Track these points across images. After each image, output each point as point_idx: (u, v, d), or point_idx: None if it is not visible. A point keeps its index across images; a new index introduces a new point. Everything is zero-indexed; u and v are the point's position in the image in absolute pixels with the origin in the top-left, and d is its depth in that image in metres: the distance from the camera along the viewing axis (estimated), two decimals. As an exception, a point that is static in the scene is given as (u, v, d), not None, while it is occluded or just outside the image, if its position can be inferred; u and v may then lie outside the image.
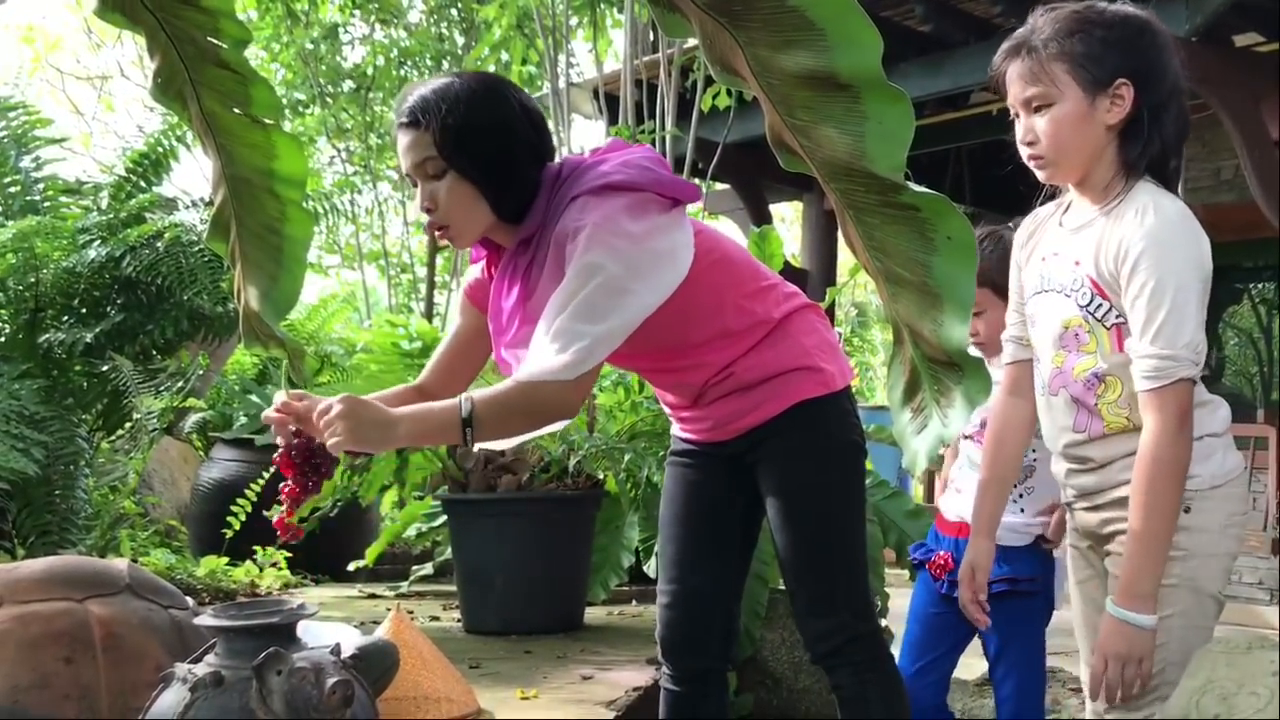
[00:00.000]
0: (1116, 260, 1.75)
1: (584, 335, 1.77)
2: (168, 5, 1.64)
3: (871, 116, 0.92)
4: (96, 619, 1.63)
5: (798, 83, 0.95)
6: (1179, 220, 1.74)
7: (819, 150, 0.96)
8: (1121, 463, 1.80)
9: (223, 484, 5.14)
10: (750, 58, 0.97)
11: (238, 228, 1.76)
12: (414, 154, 1.91)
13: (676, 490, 2.20)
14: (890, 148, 0.92)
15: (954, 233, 0.93)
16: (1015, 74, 1.82)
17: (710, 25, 1.00)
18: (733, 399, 2.06)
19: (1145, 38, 1.80)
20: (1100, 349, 1.79)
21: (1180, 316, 1.70)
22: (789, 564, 2.08)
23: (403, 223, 10.81)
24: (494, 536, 3.35)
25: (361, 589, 4.61)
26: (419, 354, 3.49)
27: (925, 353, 0.99)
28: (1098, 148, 1.80)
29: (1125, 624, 1.71)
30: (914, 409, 1.05)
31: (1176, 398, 1.71)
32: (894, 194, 0.93)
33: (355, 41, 10.20)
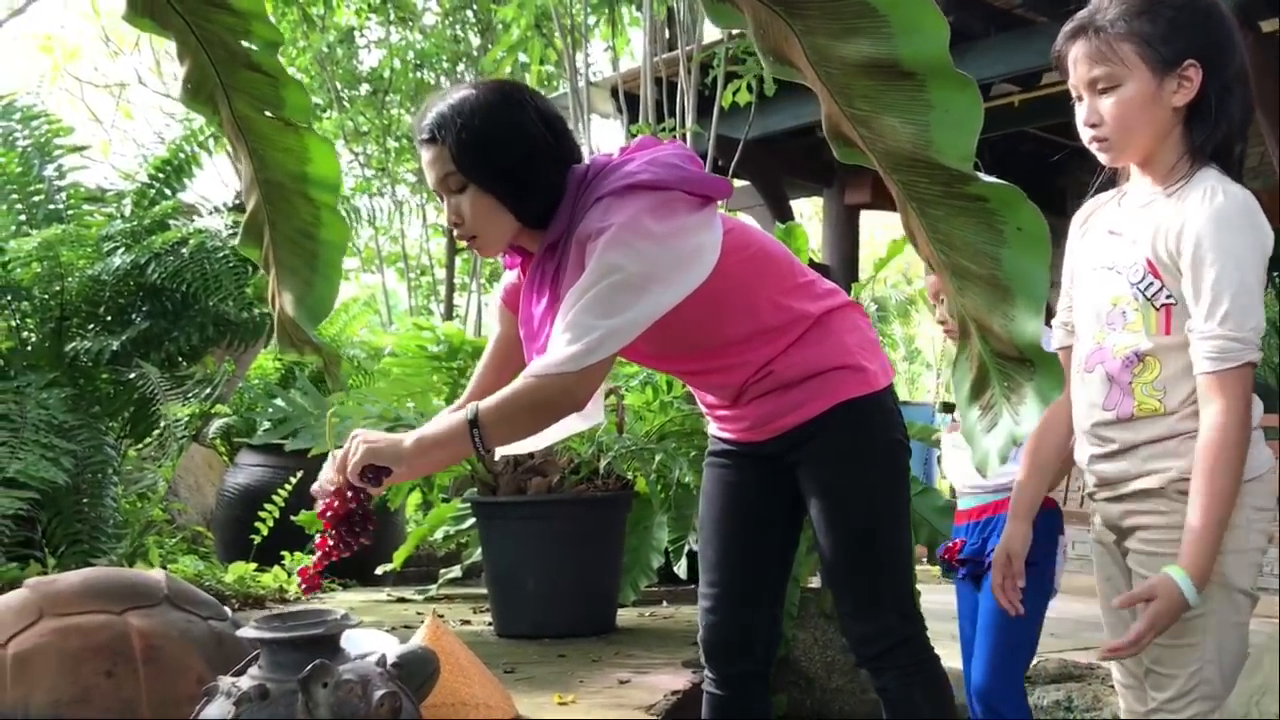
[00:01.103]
0: (1179, 240, 1.72)
1: (593, 328, 1.76)
2: (197, 8, 1.61)
3: (937, 105, 0.89)
4: (136, 631, 1.61)
5: (858, 72, 0.92)
6: (1246, 204, 1.72)
7: (880, 141, 0.93)
8: (1146, 450, 1.77)
9: (249, 489, 5.13)
10: (808, 47, 0.94)
11: (271, 233, 1.74)
12: (436, 170, 1.93)
13: (716, 491, 2.17)
14: (958, 136, 0.88)
15: (1025, 224, 0.90)
16: (1080, 55, 1.78)
17: (764, 14, 0.97)
18: (772, 398, 2.02)
19: (1213, 19, 1.77)
20: (1146, 327, 1.76)
21: (1249, 300, 1.68)
22: (833, 566, 2.05)
23: (421, 225, 10.82)
24: (525, 539, 3.33)
25: (390, 593, 4.60)
26: (446, 357, 3.47)
27: (995, 348, 0.95)
28: (1163, 129, 1.77)
29: (1185, 599, 1.68)
30: (983, 406, 1.01)
31: (1243, 381, 1.69)
32: (961, 185, 0.90)
33: (371, 45, 10.20)
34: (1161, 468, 1.76)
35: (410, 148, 9.92)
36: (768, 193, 7.52)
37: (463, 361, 3.47)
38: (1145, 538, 1.79)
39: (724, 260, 1.91)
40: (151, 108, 13.71)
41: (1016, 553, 2.05)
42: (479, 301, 10.01)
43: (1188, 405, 1.75)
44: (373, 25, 10.03)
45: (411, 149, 9.96)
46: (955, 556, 2.61)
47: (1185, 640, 1.74)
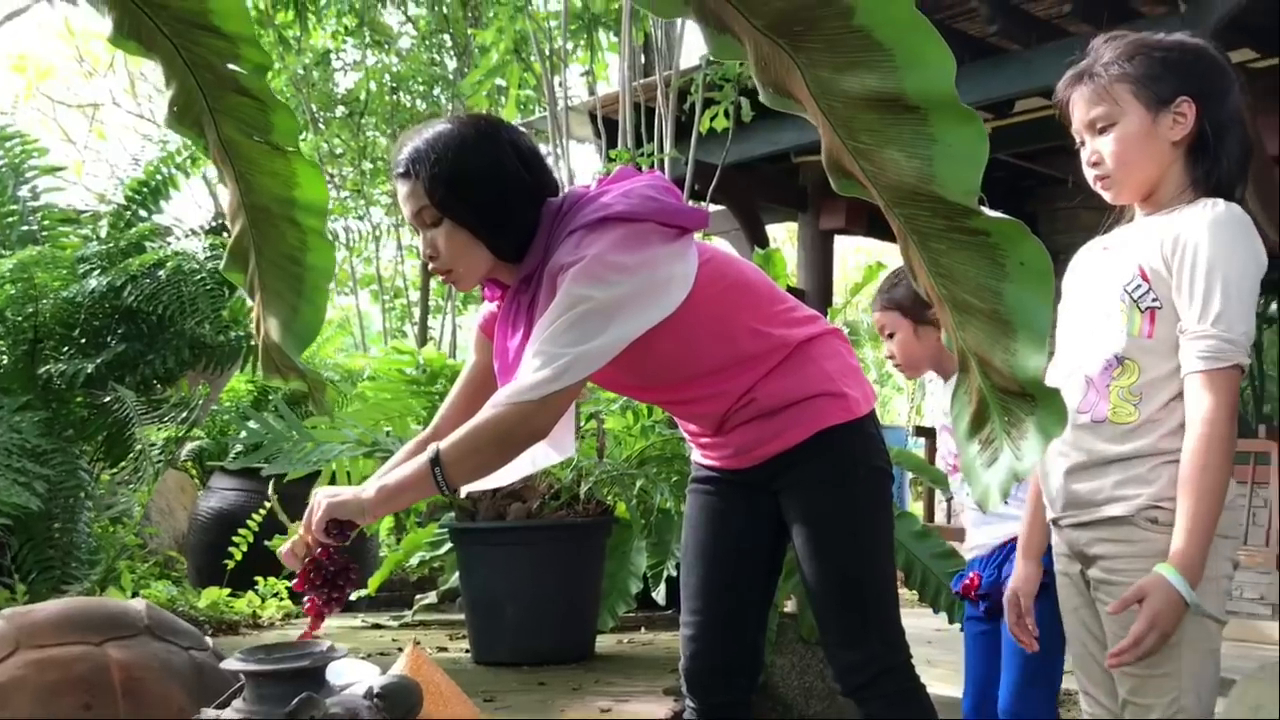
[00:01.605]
0: (1174, 243, 1.75)
1: (557, 355, 1.76)
2: (185, 31, 1.60)
3: (941, 139, 0.89)
4: (116, 663, 1.59)
5: (861, 105, 0.91)
6: (1244, 218, 1.76)
7: (883, 174, 0.93)
8: (1117, 474, 1.77)
9: (222, 514, 5.08)
10: (810, 80, 0.94)
11: (257, 257, 1.72)
12: (411, 204, 1.93)
13: (699, 518, 2.16)
14: (963, 170, 0.88)
15: (1027, 258, 0.89)
16: (1079, 98, 1.85)
17: (766, 46, 0.97)
18: (754, 425, 2.02)
19: (1204, 60, 1.84)
20: (1129, 328, 1.78)
21: (1241, 305, 1.70)
22: (818, 595, 2.04)
23: (396, 247, 10.78)
24: (504, 565, 3.31)
25: (364, 619, 4.56)
26: (425, 381, 3.45)
27: (995, 382, 0.95)
28: (1162, 165, 1.81)
29: (1179, 595, 1.67)
30: (982, 441, 1.01)
31: (1230, 382, 1.71)
32: (964, 219, 0.89)
33: (347, 68, 10.19)
34: (1131, 494, 1.76)
35: (385, 169, 9.90)
36: (744, 217, 7.54)
37: (443, 385, 3.45)
38: (1110, 566, 1.79)
39: (701, 290, 1.91)
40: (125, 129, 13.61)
41: (1026, 592, 2.05)
42: (453, 324, 9.99)
43: (1161, 419, 1.76)
44: (349, 48, 10.02)
45: (387, 171, 9.95)
46: (974, 592, 2.58)
47: (1161, 670, 1.73)
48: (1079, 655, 1.92)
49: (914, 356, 2.62)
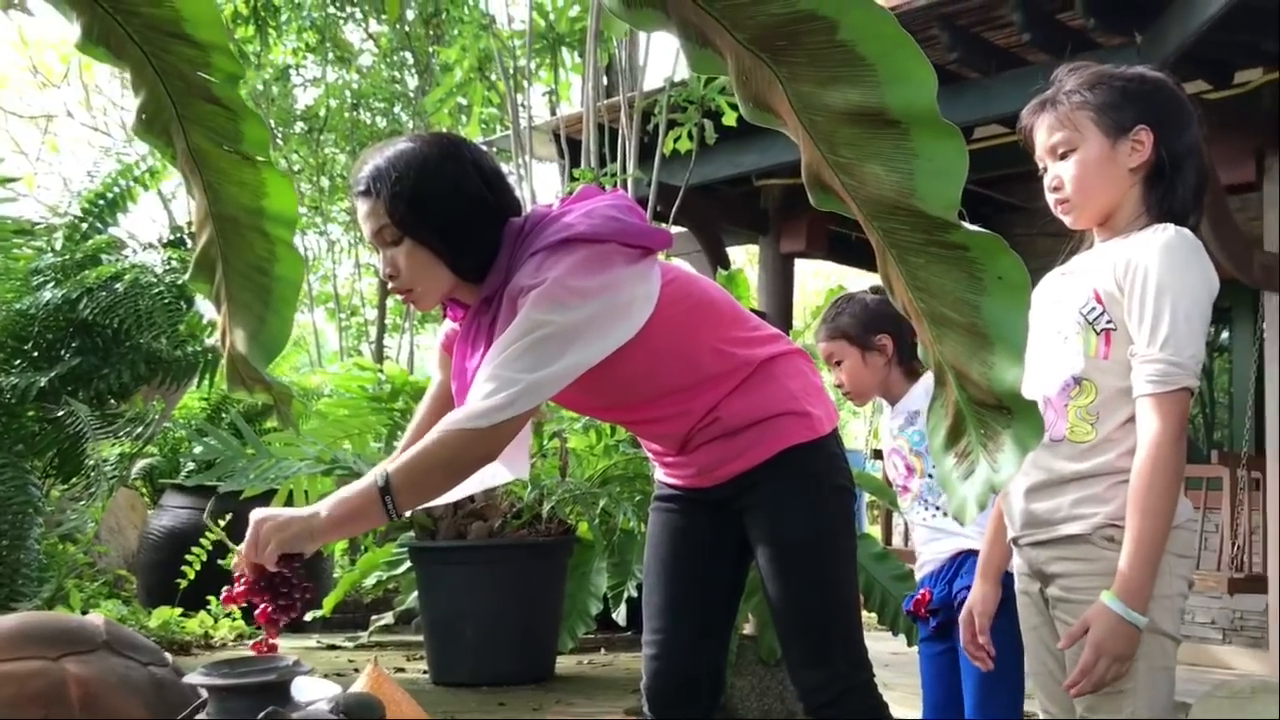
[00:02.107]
0: (1127, 268, 1.79)
1: (513, 381, 1.73)
2: (156, 39, 1.58)
3: (921, 154, 0.90)
4: (73, 678, 1.55)
5: (843, 119, 0.92)
6: (1195, 243, 1.80)
7: (863, 188, 0.93)
8: (1075, 493, 1.79)
9: (174, 532, 5.00)
10: (792, 94, 0.94)
11: (224, 267, 1.70)
12: (371, 223, 1.91)
13: (662, 536, 2.15)
14: (943, 185, 0.89)
15: (1005, 272, 0.90)
16: (1042, 125, 1.90)
17: (748, 60, 0.97)
18: (718, 445, 2.02)
19: (1163, 92, 1.89)
20: (1085, 349, 1.81)
21: (1190, 328, 1.73)
22: (782, 614, 2.03)
23: (353, 264, 10.72)
24: (464, 585, 3.28)
25: (319, 639, 4.50)
26: (387, 398, 3.42)
27: (973, 396, 0.95)
28: (1120, 190, 1.86)
29: (1124, 620, 1.70)
30: (958, 454, 1.01)
31: (1178, 405, 1.74)
32: (942, 233, 0.90)
33: (307, 84, 10.14)
34: (1089, 513, 1.78)
35: (344, 186, 9.85)
36: (705, 239, 7.57)
37: (404, 402, 3.42)
38: (1067, 584, 1.81)
39: (664, 310, 1.90)
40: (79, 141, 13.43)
41: (982, 611, 2.06)
42: (411, 343, 9.95)
43: (1119, 438, 1.78)
44: (310, 64, 9.98)
45: (345, 187, 9.90)
46: (925, 608, 2.59)
47: (1117, 687, 1.75)
48: (1038, 674, 1.94)
49: (863, 384, 2.63)
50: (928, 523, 2.60)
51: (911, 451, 2.62)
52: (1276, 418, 5.01)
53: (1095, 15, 4.74)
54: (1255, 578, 5.24)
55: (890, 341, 2.59)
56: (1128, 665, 1.72)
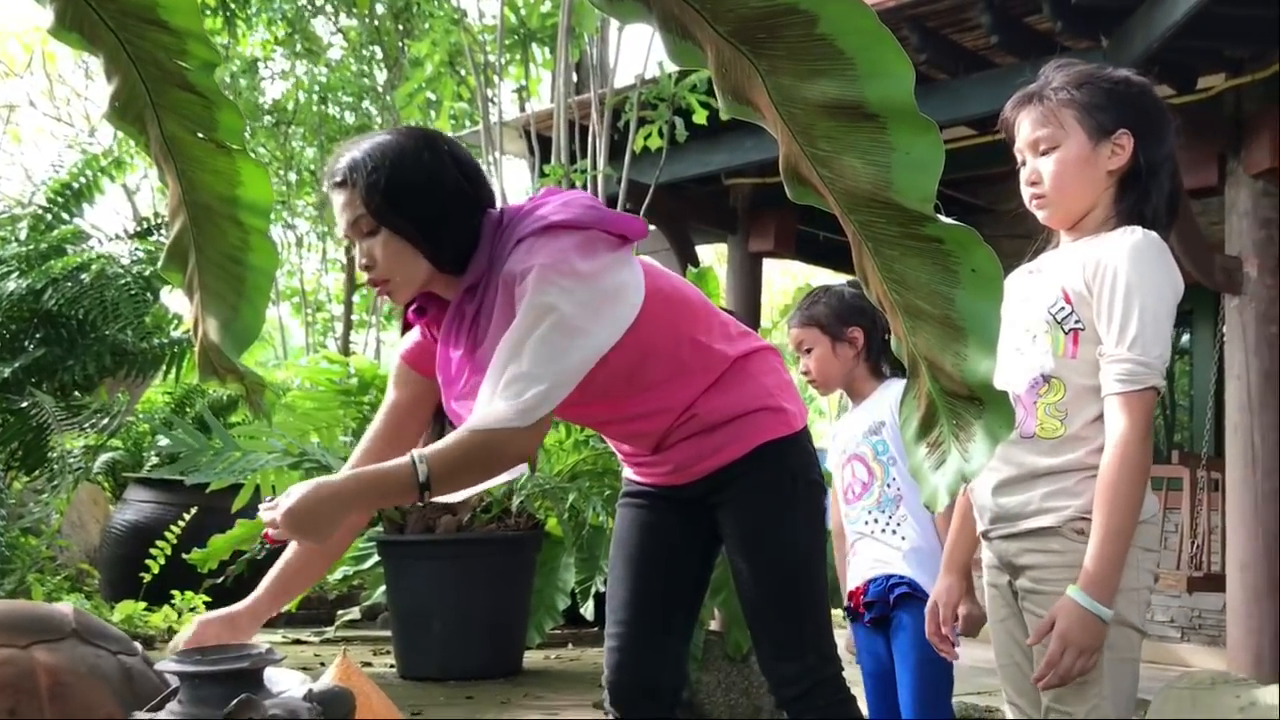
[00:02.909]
0: (1096, 268, 1.81)
1: (540, 379, 1.74)
2: (131, 25, 1.57)
3: (899, 147, 0.91)
4: (42, 667, 1.54)
5: (821, 113, 0.93)
6: (1161, 246, 1.83)
7: (840, 181, 0.95)
8: (1045, 486, 1.82)
9: (137, 526, 4.96)
10: (771, 87, 0.95)
11: (197, 256, 1.69)
12: (347, 214, 1.90)
13: (630, 532, 2.15)
14: (919, 178, 0.91)
15: (979, 265, 0.92)
16: (1026, 118, 1.92)
17: (728, 53, 0.98)
18: (694, 441, 2.02)
19: (1146, 98, 1.92)
20: (1054, 348, 1.84)
21: (1156, 329, 1.76)
22: (756, 607, 2.05)
23: (320, 259, 10.67)
24: (433, 579, 3.28)
25: (285, 634, 4.48)
26: (356, 391, 3.41)
27: (944, 387, 0.97)
28: (1096, 192, 1.88)
29: (1089, 613, 1.73)
30: (930, 444, 1.03)
31: (1145, 404, 1.77)
32: (917, 226, 0.92)
33: (275, 76, 10.08)
34: (1059, 505, 1.81)
35: (312, 180, 9.79)
36: (674, 238, 7.57)
37: (374, 396, 3.41)
38: (1037, 576, 1.83)
39: (646, 301, 1.91)
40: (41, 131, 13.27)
41: (947, 603, 2.08)
42: (377, 339, 9.90)
43: (1088, 435, 1.81)
44: (278, 56, 9.92)
45: (313, 182, 9.84)
46: (862, 598, 2.63)
47: (1082, 677, 1.78)
48: (1005, 665, 1.96)
49: (829, 373, 2.66)
50: (876, 535, 2.61)
51: (874, 459, 2.64)
52: (1236, 419, 5.08)
53: (1063, 19, 4.79)
54: (1213, 577, 5.31)
55: (862, 335, 2.62)
56: (1094, 658, 1.75)
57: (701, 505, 2.07)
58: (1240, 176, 5.07)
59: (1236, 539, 5.06)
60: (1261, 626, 4.89)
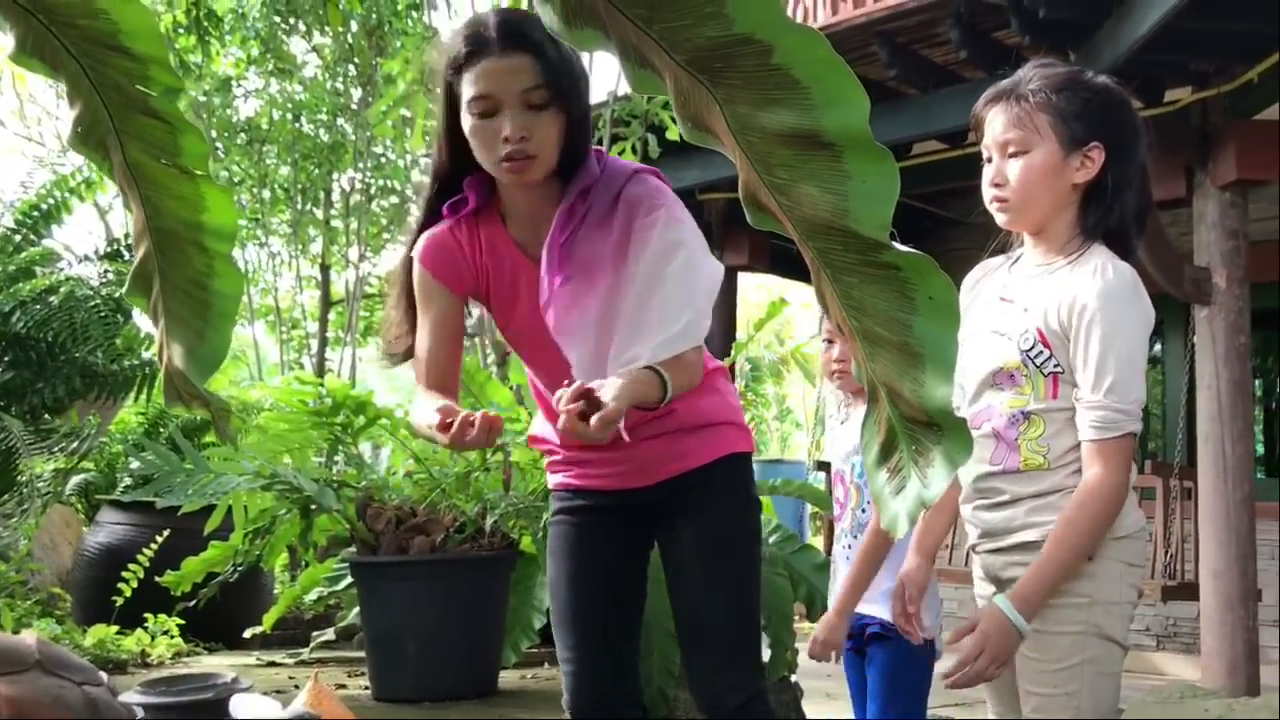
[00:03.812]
0: (1070, 312, 1.80)
1: (692, 303, 1.83)
2: (93, 50, 1.57)
3: (854, 175, 0.92)
4: (5, 699, 1.53)
5: (778, 141, 0.94)
6: (1133, 282, 1.82)
7: (798, 208, 0.95)
8: (1029, 504, 1.83)
9: (110, 549, 4.91)
10: (729, 115, 0.96)
11: (162, 282, 1.69)
12: (519, 80, 1.83)
13: (571, 549, 2.09)
14: (875, 206, 0.92)
15: (936, 293, 0.93)
16: (998, 117, 1.88)
17: (686, 81, 0.99)
18: (664, 441, 2.02)
19: (1124, 112, 1.89)
20: (1035, 393, 1.84)
21: (1132, 373, 1.76)
22: (712, 616, 2.04)
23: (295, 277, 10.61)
24: (406, 600, 3.26)
25: (259, 656, 4.44)
26: (328, 411, 3.39)
27: (904, 413, 0.98)
28: (1060, 203, 1.86)
29: (1010, 624, 1.75)
30: (890, 469, 1.04)
31: (1122, 450, 1.77)
32: (875, 253, 0.93)
33: (249, 94, 10.04)
34: (1043, 520, 1.82)
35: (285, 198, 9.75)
36: (648, 253, 7.60)
37: (346, 417, 3.39)
38: None
39: None
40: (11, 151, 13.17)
41: (913, 581, 2.10)
42: (353, 356, 9.85)
43: (1069, 459, 1.82)
44: (252, 75, 9.88)
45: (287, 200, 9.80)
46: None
47: (1063, 689, 1.79)
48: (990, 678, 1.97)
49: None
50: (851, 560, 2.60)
51: (852, 480, 2.63)
52: (1207, 429, 5.13)
53: (1030, 33, 4.84)
54: (1187, 585, 5.35)
55: None
56: (1002, 670, 1.77)
57: (650, 512, 2.06)
58: (1208, 188, 5.13)
59: (1209, 547, 5.10)
60: (1234, 633, 4.93)
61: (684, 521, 2.05)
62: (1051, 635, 1.80)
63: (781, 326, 14.30)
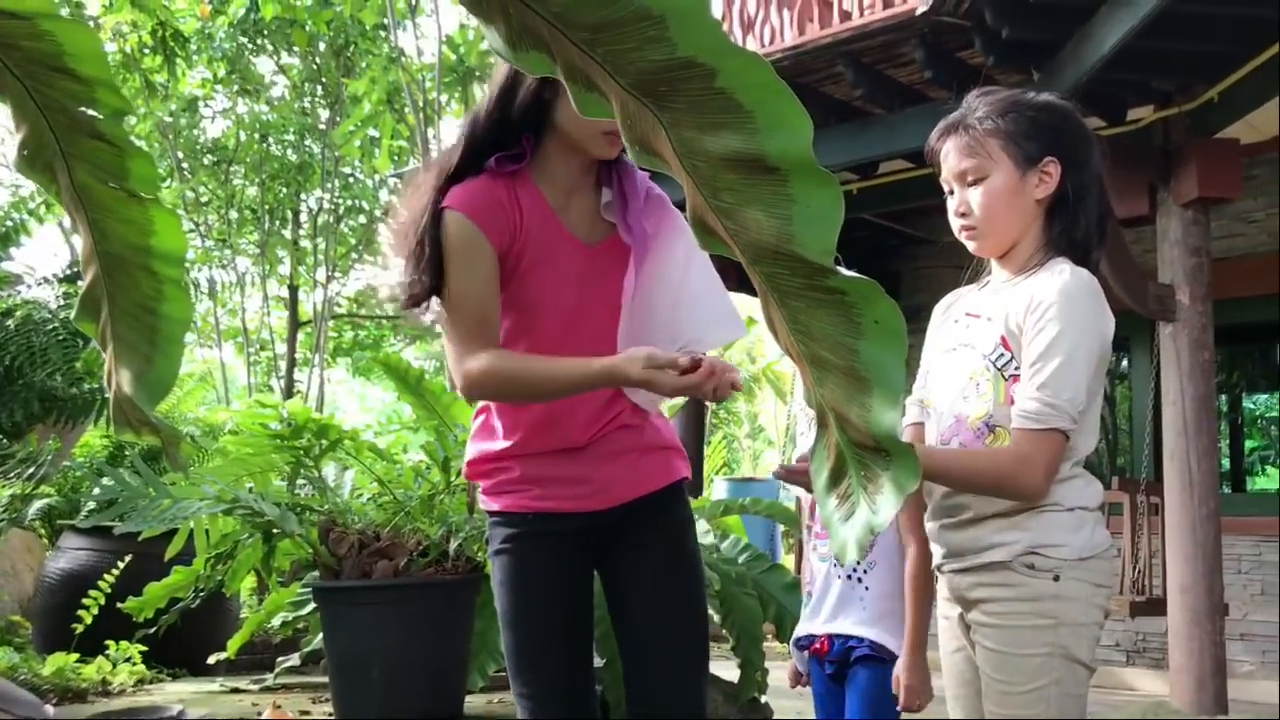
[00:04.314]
0: (1026, 310, 1.81)
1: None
2: (37, 72, 1.55)
3: (799, 200, 0.91)
4: (-54, 735, 1.49)
5: (724, 165, 0.93)
6: (1091, 286, 1.82)
7: (744, 233, 0.95)
8: (994, 524, 1.83)
9: (72, 575, 4.84)
10: (674, 139, 0.95)
11: (110, 307, 1.66)
12: None
13: (531, 580, 2.01)
14: (820, 231, 0.91)
15: (882, 317, 0.92)
16: (951, 149, 1.91)
17: (633, 105, 0.98)
18: (626, 462, 2.02)
19: (1071, 122, 1.92)
20: (996, 397, 1.84)
21: (1071, 371, 1.76)
22: (678, 634, 2.03)
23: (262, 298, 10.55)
24: (370, 625, 3.22)
25: (223, 683, 4.39)
26: (289, 435, 3.36)
27: (852, 438, 0.97)
28: (1026, 221, 1.88)
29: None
30: (840, 495, 1.03)
31: (1045, 444, 1.76)
32: (821, 278, 0.92)
33: (216, 115, 10.00)
34: (1009, 540, 1.82)
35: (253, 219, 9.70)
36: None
37: (307, 440, 3.36)
38: (990, 610, 1.84)
39: None
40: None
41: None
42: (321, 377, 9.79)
43: None
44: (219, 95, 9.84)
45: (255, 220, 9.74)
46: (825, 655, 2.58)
47: (1030, 712, 1.78)
48: (956, 697, 1.96)
49: None
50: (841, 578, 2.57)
51: None
52: (1173, 445, 5.15)
53: (994, 53, 4.87)
54: (1155, 601, 5.36)
55: None
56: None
57: (602, 537, 2.03)
58: (1171, 206, 5.17)
59: (1176, 563, 5.12)
60: (1203, 648, 4.94)
61: (643, 546, 2.04)
62: (1018, 657, 1.79)
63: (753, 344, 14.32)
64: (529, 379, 1.90)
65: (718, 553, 4.24)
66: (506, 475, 2.03)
